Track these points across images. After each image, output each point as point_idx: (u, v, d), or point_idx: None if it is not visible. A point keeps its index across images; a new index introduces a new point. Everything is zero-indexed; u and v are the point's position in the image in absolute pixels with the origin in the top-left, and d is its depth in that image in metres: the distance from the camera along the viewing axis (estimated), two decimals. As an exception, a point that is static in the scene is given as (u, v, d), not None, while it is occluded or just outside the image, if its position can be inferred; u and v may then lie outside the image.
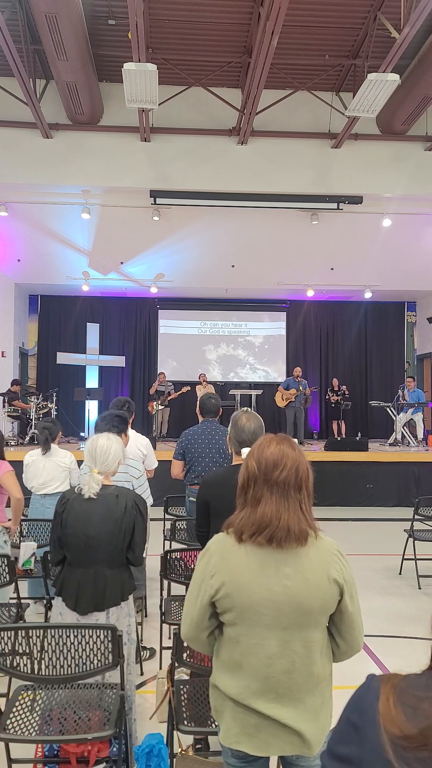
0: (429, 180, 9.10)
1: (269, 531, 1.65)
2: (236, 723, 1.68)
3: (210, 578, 1.69)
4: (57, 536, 2.68)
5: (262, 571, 1.65)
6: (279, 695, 1.65)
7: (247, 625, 1.65)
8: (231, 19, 7.48)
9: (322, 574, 1.66)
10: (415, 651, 4.23)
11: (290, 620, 1.64)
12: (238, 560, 1.67)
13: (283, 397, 12.05)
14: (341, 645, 1.74)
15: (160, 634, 3.74)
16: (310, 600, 1.64)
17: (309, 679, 1.66)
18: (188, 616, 1.74)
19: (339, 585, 1.67)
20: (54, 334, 14.85)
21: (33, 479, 4.74)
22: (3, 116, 8.63)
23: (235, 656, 1.68)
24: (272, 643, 1.64)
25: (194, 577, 1.75)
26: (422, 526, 6.06)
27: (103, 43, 7.98)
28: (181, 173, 8.89)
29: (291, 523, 1.65)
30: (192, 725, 2.39)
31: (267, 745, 1.66)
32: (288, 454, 1.72)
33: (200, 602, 1.70)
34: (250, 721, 1.66)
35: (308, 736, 1.65)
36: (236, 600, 1.65)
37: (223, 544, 1.73)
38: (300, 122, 8.98)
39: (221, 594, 1.66)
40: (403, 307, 15.49)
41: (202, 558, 1.75)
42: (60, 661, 2.38)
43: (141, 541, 2.71)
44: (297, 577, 1.64)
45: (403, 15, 6.26)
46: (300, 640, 1.65)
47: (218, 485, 2.73)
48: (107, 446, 2.75)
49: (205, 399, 4.56)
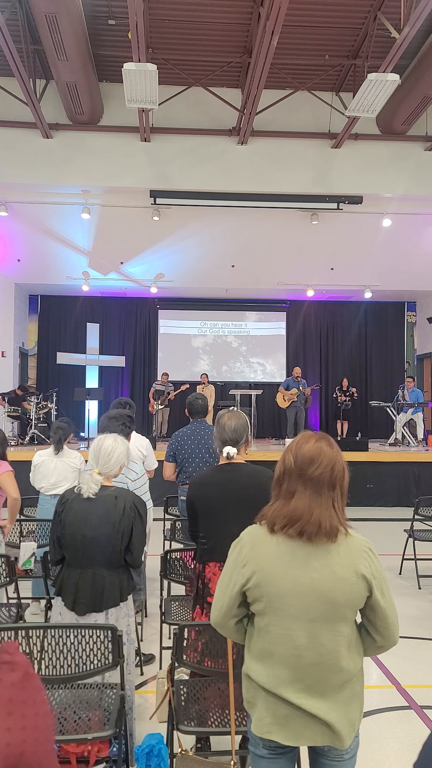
0: (429, 180, 9.10)
1: (300, 524, 1.68)
2: (268, 713, 1.70)
3: (242, 567, 1.73)
4: (56, 536, 2.68)
5: (290, 563, 1.68)
6: (308, 686, 1.67)
7: (276, 615, 1.69)
8: (231, 19, 7.47)
9: (349, 569, 1.68)
10: (415, 651, 4.23)
11: (316, 612, 1.66)
12: (269, 550, 1.71)
13: (285, 398, 12.06)
14: (378, 639, 1.76)
15: (160, 634, 3.74)
16: (335, 593, 1.66)
17: (339, 673, 1.69)
18: (218, 602, 1.78)
19: (367, 581, 1.69)
20: (54, 334, 14.85)
21: (43, 479, 4.70)
22: (3, 116, 8.63)
23: (266, 645, 1.71)
24: (300, 634, 1.67)
25: (226, 566, 1.80)
26: (422, 526, 6.06)
27: (103, 43, 7.97)
28: (181, 173, 8.88)
29: (322, 519, 1.68)
30: (192, 725, 2.39)
31: (298, 735, 1.69)
32: (325, 451, 1.75)
33: (231, 590, 1.74)
34: (281, 710, 1.69)
35: (338, 728, 1.67)
36: (265, 590, 1.69)
37: (255, 535, 1.77)
38: (300, 122, 8.97)
39: (252, 583, 1.70)
40: (403, 307, 15.49)
41: (235, 548, 1.79)
42: (60, 661, 2.38)
43: (139, 543, 2.71)
44: (324, 571, 1.67)
45: (403, 15, 6.25)
46: (327, 633, 1.67)
47: (201, 485, 2.74)
48: (112, 448, 2.74)
49: (192, 400, 4.57)
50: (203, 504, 2.70)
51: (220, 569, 2.67)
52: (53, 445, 4.74)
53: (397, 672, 3.85)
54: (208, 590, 2.69)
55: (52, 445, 4.75)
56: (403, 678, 3.77)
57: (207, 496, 2.69)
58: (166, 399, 12.45)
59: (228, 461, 2.71)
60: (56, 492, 4.71)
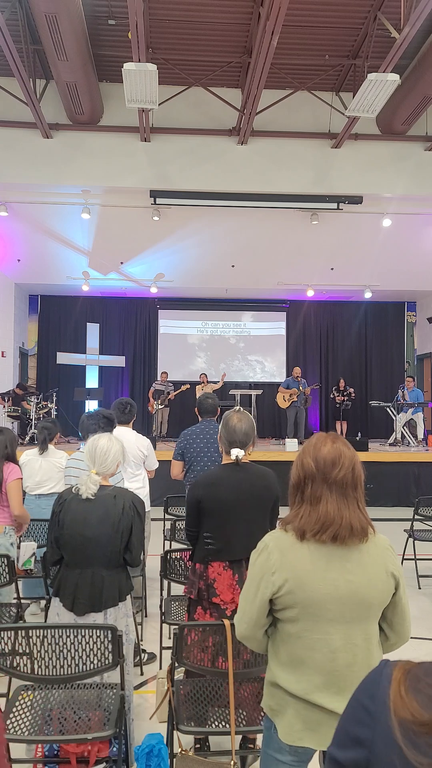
0: (429, 180, 9.10)
1: (333, 529, 1.67)
2: (299, 719, 1.69)
3: (271, 575, 1.69)
4: (54, 536, 2.68)
5: (327, 568, 1.67)
6: (341, 689, 1.67)
7: (312, 620, 1.67)
8: (231, 19, 7.47)
9: (380, 568, 1.70)
10: (415, 651, 4.23)
11: (353, 614, 1.67)
12: (301, 557, 1.68)
13: (285, 398, 12.06)
14: (391, 637, 1.78)
15: (160, 634, 3.74)
16: (371, 593, 1.67)
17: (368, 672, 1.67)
18: (246, 614, 1.74)
19: (395, 578, 1.72)
20: (54, 334, 14.85)
21: (28, 479, 4.72)
22: (3, 116, 8.63)
23: (297, 652, 1.69)
24: (336, 637, 1.66)
25: (251, 575, 1.75)
26: (422, 526, 6.06)
27: (103, 43, 7.97)
28: (181, 173, 8.88)
29: (353, 521, 1.69)
30: (192, 725, 2.39)
31: (328, 738, 1.68)
32: (345, 452, 1.74)
33: (260, 599, 1.70)
34: (313, 716, 1.68)
35: None
36: (299, 596, 1.66)
37: (282, 541, 1.73)
38: (300, 122, 8.97)
39: (284, 591, 1.67)
40: (403, 307, 15.49)
41: (260, 555, 1.75)
42: (60, 661, 2.38)
43: (138, 543, 2.71)
44: (358, 572, 1.68)
45: (403, 15, 6.25)
46: (361, 633, 1.68)
47: (210, 485, 2.73)
48: (107, 447, 2.74)
49: (203, 399, 4.58)
50: (213, 504, 2.68)
51: (225, 569, 2.67)
52: (39, 444, 4.76)
53: (397, 672, 3.84)
54: (213, 590, 2.67)
55: (38, 444, 4.77)
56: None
57: (217, 496, 2.68)
58: (166, 399, 12.44)
59: (235, 462, 2.71)
60: (41, 491, 4.71)
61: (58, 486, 4.74)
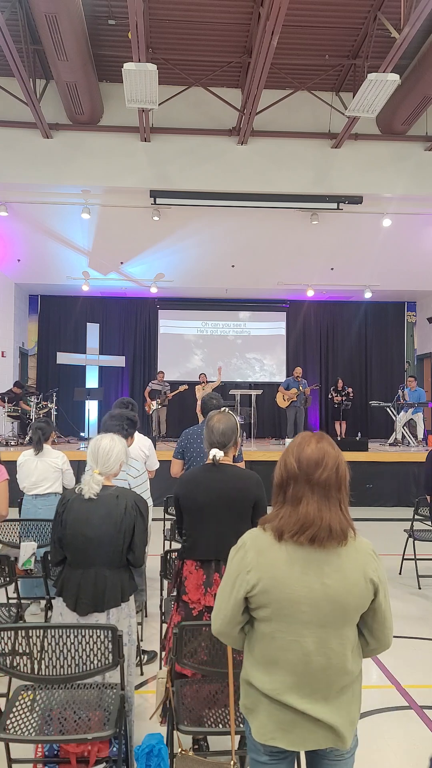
0: (429, 180, 9.10)
1: (311, 531, 1.64)
2: (271, 719, 1.68)
3: (246, 573, 1.68)
4: (57, 537, 2.67)
5: (303, 570, 1.65)
6: (314, 690, 1.66)
7: (285, 621, 1.66)
8: (231, 19, 7.47)
9: (359, 573, 1.67)
10: (415, 651, 4.23)
11: (328, 618, 1.65)
12: (277, 557, 1.67)
13: (285, 397, 12.06)
14: (371, 642, 1.76)
15: (160, 634, 3.74)
16: (348, 598, 1.65)
17: (344, 676, 1.68)
18: (221, 611, 1.73)
19: (375, 585, 1.69)
20: (54, 334, 14.85)
21: (25, 479, 4.72)
22: (3, 116, 8.63)
23: (271, 652, 1.68)
24: (309, 640, 1.65)
25: (228, 572, 1.74)
26: (422, 526, 6.06)
27: (103, 43, 7.97)
28: (181, 173, 8.88)
29: (333, 523, 1.66)
30: (192, 725, 2.39)
31: (302, 740, 1.67)
32: (329, 452, 1.72)
33: (234, 597, 1.69)
34: (285, 717, 1.67)
35: (342, 731, 1.67)
36: (273, 596, 1.65)
37: (259, 540, 1.71)
38: (300, 122, 8.97)
39: (258, 590, 1.66)
40: (403, 307, 15.49)
41: (237, 553, 1.74)
42: (60, 661, 2.38)
43: (141, 543, 2.71)
44: (335, 576, 1.65)
45: (403, 15, 6.25)
46: (336, 637, 1.66)
47: (187, 483, 2.77)
48: (110, 447, 2.74)
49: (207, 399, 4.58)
50: (187, 502, 2.72)
51: (197, 568, 2.69)
52: (33, 445, 4.76)
53: (397, 672, 3.85)
54: (183, 588, 2.70)
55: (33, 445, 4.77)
56: (403, 678, 3.77)
57: (191, 495, 2.72)
58: (166, 399, 12.43)
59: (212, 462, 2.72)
60: (37, 492, 4.70)
61: (55, 486, 4.73)
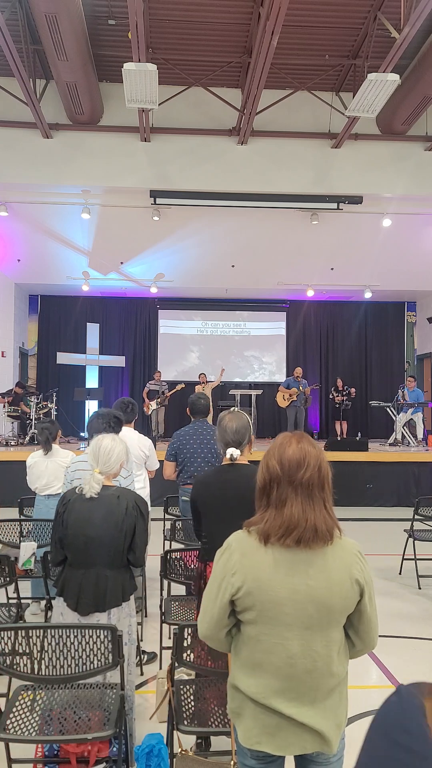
0: (429, 180, 9.10)
1: (297, 533, 1.63)
2: (257, 723, 1.66)
3: (231, 576, 1.66)
4: (58, 537, 2.67)
5: (288, 572, 1.64)
6: (300, 694, 1.64)
7: (269, 624, 1.64)
8: (231, 19, 7.47)
9: (344, 574, 1.66)
10: (415, 651, 4.23)
11: (312, 620, 1.63)
12: (262, 560, 1.65)
13: (285, 397, 12.06)
14: (357, 644, 1.74)
15: (160, 634, 3.74)
16: (332, 599, 1.63)
17: (329, 679, 1.66)
18: (207, 614, 1.71)
19: (360, 586, 1.67)
20: (54, 334, 14.86)
21: (36, 480, 4.74)
22: (3, 116, 8.63)
23: (256, 655, 1.66)
24: (294, 643, 1.63)
25: (214, 575, 1.72)
26: (422, 526, 6.06)
27: (103, 43, 7.97)
28: (181, 173, 8.88)
29: (318, 524, 1.65)
30: (192, 725, 2.39)
31: (288, 744, 1.65)
32: (310, 452, 1.71)
33: (220, 600, 1.67)
34: (271, 721, 1.65)
35: (328, 735, 1.65)
36: (257, 598, 1.63)
37: (244, 543, 1.70)
38: (300, 122, 8.97)
39: (242, 592, 1.64)
40: (403, 307, 15.49)
41: (222, 555, 1.72)
42: (60, 661, 2.38)
43: (142, 543, 2.71)
44: (320, 577, 1.64)
45: (403, 15, 6.25)
46: (321, 639, 1.65)
47: (201, 485, 2.76)
48: (111, 447, 2.74)
49: (195, 399, 4.59)
50: (204, 504, 2.71)
51: None
52: (42, 446, 4.76)
53: (397, 672, 3.85)
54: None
55: (41, 446, 4.77)
56: (403, 678, 3.77)
57: (207, 497, 2.71)
58: (165, 399, 12.43)
59: (230, 462, 2.71)
60: (49, 492, 4.71)
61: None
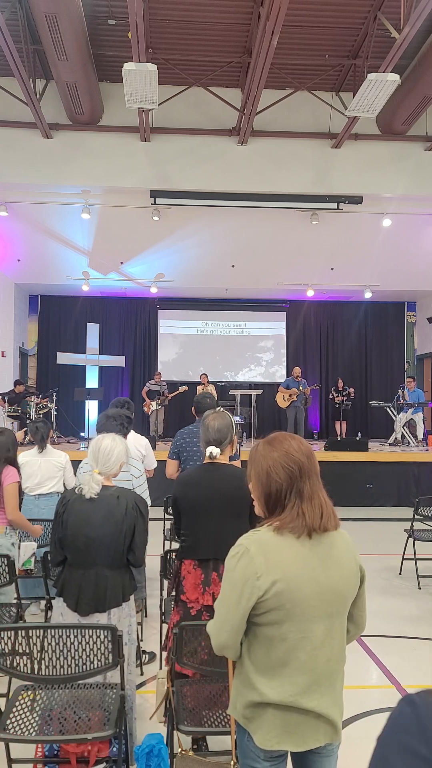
0: (429, 180, 9.10)
1: (326, 519, 1.68)
2: (277, 724, 1.64)
3: (256, 579, 1.60)
4: (58, 537, 2.67)
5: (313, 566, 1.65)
6: (320, 685, 1.65)
7: (296, 621, 1.62)
8: (231, 19, 7.47)
9: (351, 561, 1.71)
10: (415, 651, 4.23)
11: (332, 608, 1.66)
12: (289, 558, 1.63)
13: (285, 398, 12.06)
14: (351, 629, 1.78)
15: (160, 634, 3.74)
16: (347, 587, 1.68)
17: (339, 664, 1.70)
18: (227, 623, 1.64)
19: (362, 571, 1.74)
20: (54, 334, 14.86)
21: (28, 479, 4.68)
22: (3, 116, 8.63)
23: (279, 655, 1.63)
24: (318, 634, 1.64)
25: (232, 581, 1.64)
26: (422, 526, 6.06)
27: (103, 43, 7.98)
28: (181, 173, 8.89)
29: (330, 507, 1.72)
30: (192, 725, 2.39)
31: (304, 739, 1.66)
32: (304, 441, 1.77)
33: (243, 606, 1.61)
34: (292, 719, 1.64)
35: (337, 723, 1.68)
36: (287, 597, 1.60)
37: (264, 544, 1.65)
38: (300, 122, 8.98)
39: (270, 594, 1.60)
40: (403, 307, 15.49)
41: (239, 561, 1.64)
42: (60, 661, 2.38)
43: (141, 543, 2.71)
44: (335, 567, 1.67)
45: (403, 15, 6.25)
46: (339, 626, 1.69)
47: (184, 483, 2.77)
48: (111, 447, 2.74)
49: (201, 398, 4.57)
50: (185, 502, 2.72)
51: (195, 568, 2.68)
52: (37, 444, 4.76)
53: (397, 672, 3.85)
54: (181, 588, 2.69)
55: (36, 444, 4.77)
56: (403, 678, 3.77)
57: (189, 495, 2.71)
58: (165, 399, 12.43)
59: (211, 461, 2.72)
60: (40, 492, 4.70)
61: (58, 485, 4.74)
